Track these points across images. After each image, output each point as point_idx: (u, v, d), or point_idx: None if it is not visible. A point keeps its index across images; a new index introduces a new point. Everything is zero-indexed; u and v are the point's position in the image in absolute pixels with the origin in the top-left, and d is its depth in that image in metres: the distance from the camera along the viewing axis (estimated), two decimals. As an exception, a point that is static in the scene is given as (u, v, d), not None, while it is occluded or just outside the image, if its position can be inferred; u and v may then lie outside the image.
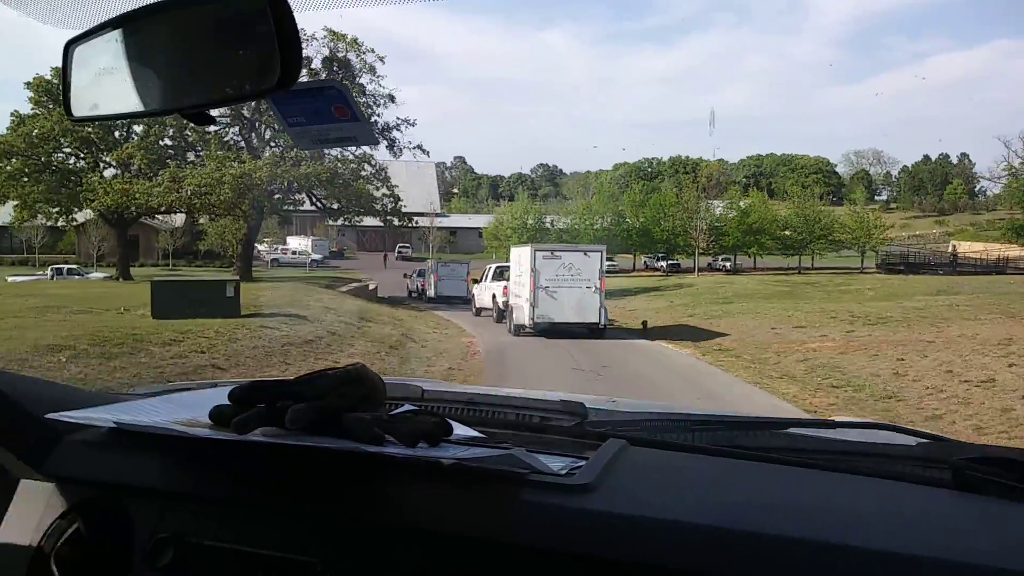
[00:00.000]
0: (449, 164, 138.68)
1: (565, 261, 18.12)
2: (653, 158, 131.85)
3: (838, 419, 1.77)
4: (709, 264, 58.22)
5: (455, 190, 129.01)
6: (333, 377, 1.13)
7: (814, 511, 1.00)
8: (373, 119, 32.09)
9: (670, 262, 61.42)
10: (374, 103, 32.03)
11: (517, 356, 15.91)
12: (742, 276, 50.11)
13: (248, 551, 1.03)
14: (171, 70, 1.03)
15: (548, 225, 62.37)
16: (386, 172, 32.15)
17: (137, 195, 27.48)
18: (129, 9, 1.01)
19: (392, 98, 32.26)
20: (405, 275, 40.00)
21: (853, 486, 1.12)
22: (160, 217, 31.89)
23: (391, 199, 31.77)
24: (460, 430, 1.16)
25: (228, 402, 1.11)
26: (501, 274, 22.66)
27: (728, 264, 61.64)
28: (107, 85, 1.06)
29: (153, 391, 1.64)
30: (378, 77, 32.32)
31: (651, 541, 0.91)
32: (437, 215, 75.33)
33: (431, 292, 30.44)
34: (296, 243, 65.23)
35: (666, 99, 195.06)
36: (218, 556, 1.05)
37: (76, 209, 30.67)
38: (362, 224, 75.46)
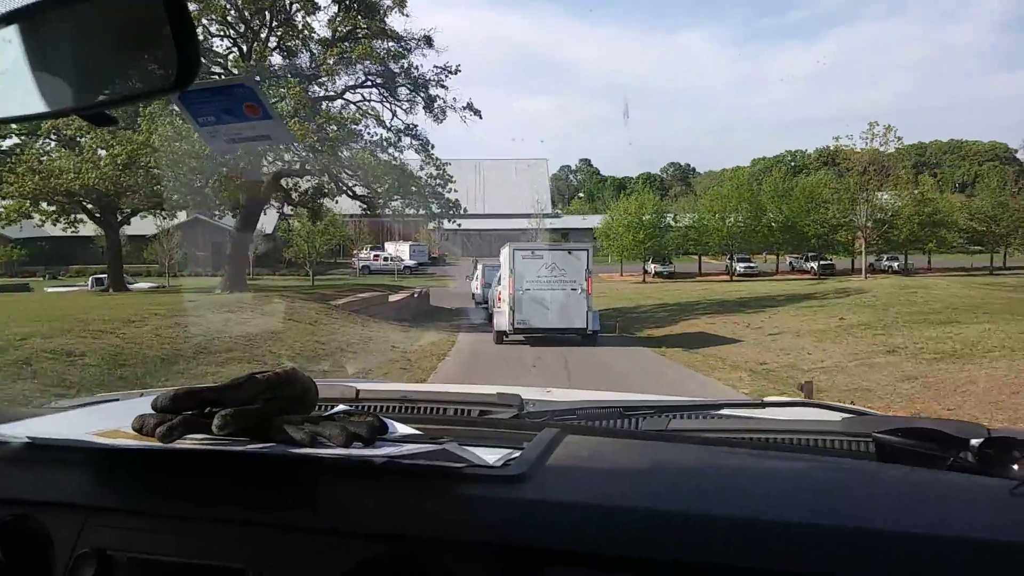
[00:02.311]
0: (574, 167, 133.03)
1: (548, 261, 16.78)
2: (796, 151, 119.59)
3: (768, 399, 1.78)
4: (871, 264, 47.85)
5: (580, 194, 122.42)
6: (262, 380, 1.11)
7: (743, 489, 1.01)
8: (404, 67, 24.43)
9: (823, 262, 51.12)
10: (404, 48, 24.04)
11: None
12: (923, 278, 38.86)
13: (175, 561, 1.01)
14: (68, 70, 1.00)
15: (671, 222, 53.48)
16: (441, 162, 24.24)
17: (60, 174, 20.71)
18: (17, 6, 0.99)
19: (429, 41, 23.95)
20: (467, 277, 34.25)
21: (781, 462, 1.17)
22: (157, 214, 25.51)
23: (438, 185, 23.83)
24: (396, 428, 1.16)
25: (152, 411, 1.09)
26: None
27: (896, 264, 52.26)
28: (1, 86, 1.03)
29: (75, 404, 1.65)
30: (406, 15, 24.58)
31: (586, 527, 0.91)
32: (545, 215, 67.79)
33: (478, 298, 25.62)
34: (393, 248, 61.74)
35: (809, 96, 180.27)
36: (143, 568, 1.02)
37: None
38: (466, 228, 71.71)
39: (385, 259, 58.50)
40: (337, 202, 27.85)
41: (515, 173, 78.97)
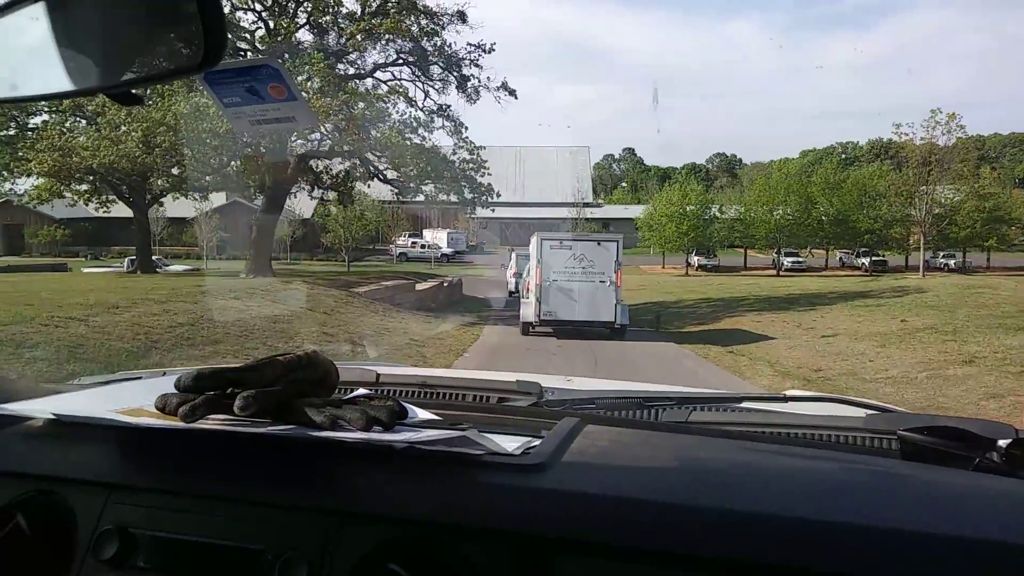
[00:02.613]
0: (617, 156, 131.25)
1: (576, 252, 16.37)
2: (848, 142, 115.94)
3: (789, 393, 1.74)
4: (926, 262, 45.80)
5: (623, 184, 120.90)
6: (284, 363, 1.11)
7: (762, 484, 1.00)
8: (437, 45, 23.16)
9: (875, 258, 49.00)
10: (437, 24, 22.67)
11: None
12: (985, 277, 36.55)
13: (195, 540, 1.01)
14: (94, 49, 1.01)
15: (717, 213, 51.85)
16: (475, 146, 23.06)
17: (79, 151, 19.89)
18: None
19: (462, 16, 22.55)
20: (502, 266, 33.28)
21: (802, 459, 1.14)
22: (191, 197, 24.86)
23: (471, 170, 22.66)
24: (415, 413, 1.17)
25: (175, 390, 1.10)
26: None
27: (952, 261, 50.27)
28: (26, 64, 1.05)
29: (99, 381, 1.67)
30: None
31: (603, 518, 0.91)
32: (586, 204, 66.41)
33: (511, 287, 24.32)
34: (431, 236, 61.37)
35: (861, 86, 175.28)
36: (164, 546, 1.03)
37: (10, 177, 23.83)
38: (505, 217, 70.63)
39: (422, 247, 57.96)
40: (369, 186, 26.93)
41: (556, 161, 77.50)
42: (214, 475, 1.05)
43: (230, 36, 21.64)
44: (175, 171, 21.77)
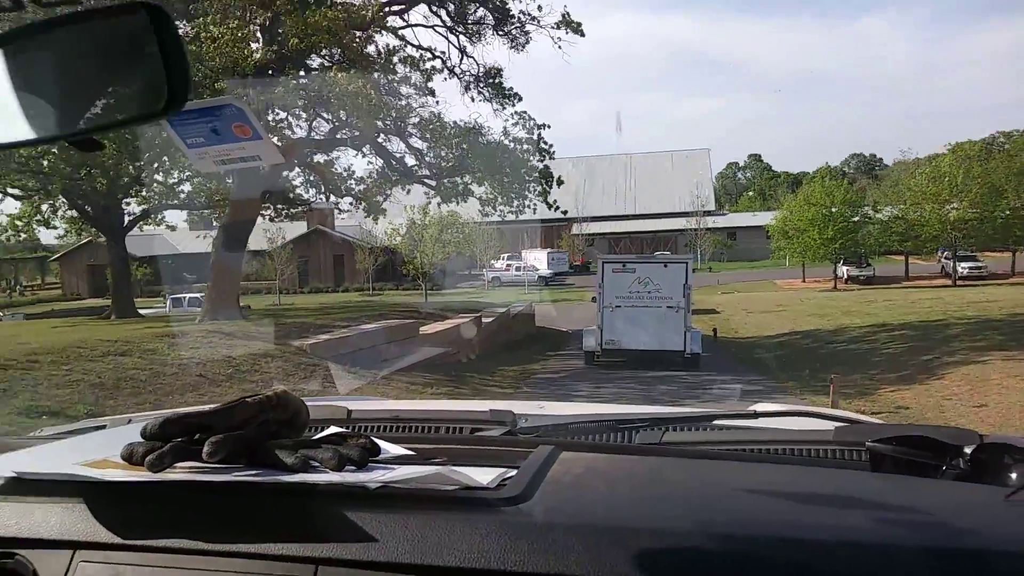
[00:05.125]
0: (742, 163, 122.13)
1: (641, 275, 15.26)
2: (1012, 131, 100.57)
3: (759, 409, 1.73)
4: None
5: (750, 192, 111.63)
6: (252, 404, 1.10)
7: (737, 503, 1.02)
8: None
9: None
10: None
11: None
12: None
13: None
14: (53, 95, 0.99)
15: (871, 212, 42.66)
16: (533, 121, 16.29)
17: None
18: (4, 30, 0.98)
19: None
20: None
21: (775, 475, 1.16)
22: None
23: (526, 152, 15.88)
24: (388, 449, 1.16)
25: (141, 439, 1.09)
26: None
27: None
28: None
29: (61, 432, 1.59)
30: None
31: (585, 549, 0.90)
32: (707, 213, 58.15)
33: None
34: (531, 257, 56.05)
35: (1011, 77, 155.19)
36: None
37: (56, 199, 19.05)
38: (614, 232, 63.14)
39: (517, 269, 51.89)
40: (408, 191, 20.59)
41: (672, 167, 69.39)
42: (184, 527, 1.00)
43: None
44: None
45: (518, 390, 12.03)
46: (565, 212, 17.35)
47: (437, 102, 17.42)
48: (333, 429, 1.26)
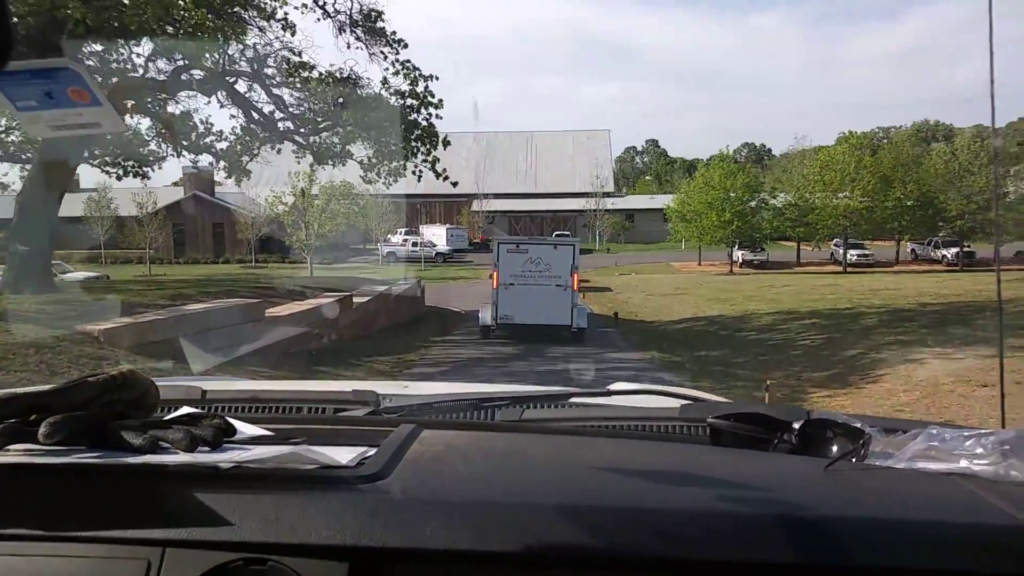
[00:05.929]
0: (640, 148, 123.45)
1: (532, 255, 16.32)
2: (890, 127, 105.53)
3: (614, 387, 1.79)
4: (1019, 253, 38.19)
5: (647, 176, 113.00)
6: (96, 384, 1.04)
7: (590, 477, 1.06)
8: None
9: (963, 249, 40.01)
10: None
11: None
12: None
13: None
14: None
15: (767, 197, 42.95)
16: (417, 71, 14.11)
17: None
18: None
19: None
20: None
21: (627, 449, 1.23)
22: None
23: (407, 108, 13.80)
24: (245, 429, 1.13)
25: None
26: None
27: None
28: None
29: None
30: None
31: (441, 524, 0.90)
32: (607, 194, 57.39)
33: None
34: (429, 232, 53.98)
35: (892, 77, 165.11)
36: None
37: None
38: (515, 210, 61.54)
39: (414, 244, 49.56)
40: (278, 150, 17.93)
41: (572, 147, 68.32)
42: (21, 513, 0.95)
43: None
44: None
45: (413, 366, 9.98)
46: (456, 184, 15.46)
47: (301, 43, 14.86)
48: (186, 410, 1.22)
